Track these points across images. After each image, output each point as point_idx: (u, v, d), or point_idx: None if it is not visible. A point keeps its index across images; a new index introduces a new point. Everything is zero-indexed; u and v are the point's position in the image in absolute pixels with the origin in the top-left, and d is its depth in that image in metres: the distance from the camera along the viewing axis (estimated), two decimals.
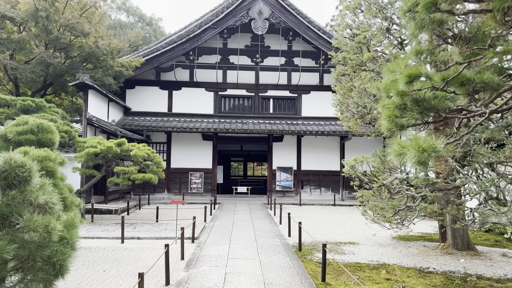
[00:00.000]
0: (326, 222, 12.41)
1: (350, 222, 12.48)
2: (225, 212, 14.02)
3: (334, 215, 14.09)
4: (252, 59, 19.51)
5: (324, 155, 19.16)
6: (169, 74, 19.09)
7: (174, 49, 17.73)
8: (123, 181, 10.89)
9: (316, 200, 18.25)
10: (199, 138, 18.80)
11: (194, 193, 18.73)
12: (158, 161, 11.50)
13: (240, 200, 18.33)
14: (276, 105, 19.66)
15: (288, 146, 19.12)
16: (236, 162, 34.16)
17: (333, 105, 8.83)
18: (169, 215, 13.17)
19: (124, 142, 11.15)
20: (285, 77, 19.55)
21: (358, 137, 18.60)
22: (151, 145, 18.67)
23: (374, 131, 9.52)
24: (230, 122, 18.58)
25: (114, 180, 10.97)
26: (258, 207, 15.86)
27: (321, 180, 19.17)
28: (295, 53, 19.54)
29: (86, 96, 14.07)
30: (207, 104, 19.19)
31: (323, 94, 19.52)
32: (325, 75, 19.59)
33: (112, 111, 17.03)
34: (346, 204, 17.52)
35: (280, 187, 19.00)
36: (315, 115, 19.42)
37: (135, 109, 18.84)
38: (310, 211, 15.34)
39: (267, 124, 18.57)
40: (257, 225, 11.07)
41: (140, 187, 18.38)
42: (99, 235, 9.14)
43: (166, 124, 17.60)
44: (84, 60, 15.14)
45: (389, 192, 7.18)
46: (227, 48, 19.39)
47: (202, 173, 18.77)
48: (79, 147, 11.23)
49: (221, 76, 19.34)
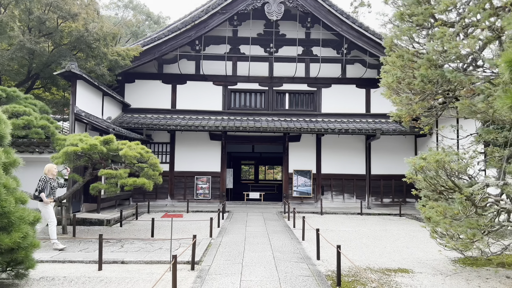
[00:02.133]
0: (358, 237, 10.17)
1: (388, 237, 10.23)
2: (235, 224, 11.88)
3: (365, 227, 11.85)
4: (265, 49, 17.40)
5: (347, 157, 16.92)
6: (172, 66, 17.08)
7: (178, 37, 15.71)
8: (109, 187, 8.82)
9: (339, 208, 16.00)
10: (206, 137, 16.73)
11: (201, 200, 16.63)
12: (154, 162, 9.42)
13: (252, 208, 16.17)
14: (293, 100, 17.49)
15: (306, 146, 16.93)
16: (247, 166, 32.06)
17: (382, 84, 6.60)
18: (168, 227, 11.08)
19: (111, 140, 9.09)
20: (303, 69, 17.39)
21: (387, 137, 16.38)
22: (152, 145, 16.66)
23: (428, 123, 7.26)
24: (241, 120, 16.47)
25: (97, 186, 8.90)
26: (273, 217, 13.68)
27: (344, 185, 16.91)
28: (314, 42, 17.37)
29: (74, 88, 12.09)
30: (215, 100, 17.12)
31: (346, 88, 17.32)
32: (348, 67, 17.37)
33: (107, 107, 15.05)
34: (374, 213, 15.24)
35: (298, 193, 16.80)
36: (336, 112, 17.20)
37: (134, 106, 16.85)
38: (335, 221, 13.11)
39: (283, 121, 16.42)
40: (275, 242, 8.90)
41: (141, 192, 16.37)
42: (73, 258, 7.06)
43: (168, 121, 15.57)
44: (73, 47, 13.19)
45: (474, 205, 4.96)
46: (237, 37, 17.31)
47: (210, 177, 16.68)
48: (58, 145, 9.22)
49: (231, 68, 17.26)
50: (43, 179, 8.12)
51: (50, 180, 8.19)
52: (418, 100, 5.71)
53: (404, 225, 12.47)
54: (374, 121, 16.85)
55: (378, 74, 17.34)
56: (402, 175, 16.78)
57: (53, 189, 8.22)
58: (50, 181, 8.16)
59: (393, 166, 16.86)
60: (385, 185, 16.92)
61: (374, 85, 17.27)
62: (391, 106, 16.78)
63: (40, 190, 8.04)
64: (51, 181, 8.19)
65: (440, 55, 4.59)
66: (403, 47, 5.54)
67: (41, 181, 8.10)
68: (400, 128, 15.83)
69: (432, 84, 5.03)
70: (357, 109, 17.25)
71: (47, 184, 8.10)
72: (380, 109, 17.19)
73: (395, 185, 16.89)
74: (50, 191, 8.15)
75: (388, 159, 16.87)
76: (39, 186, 8.11)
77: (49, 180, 8.17)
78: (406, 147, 16.99)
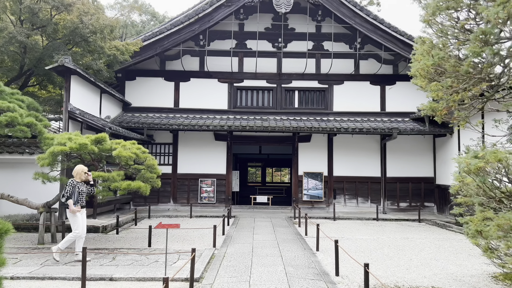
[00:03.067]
0: (378, 246, 9.13)
1: (411, 247, 9.17)
2: (241, 231, 10.89)
3: (384, 235, 10.79)
4: (273, 44, 16.43)
5: (361, 158, 15.86)
6: (175, 62, 16.19)
7: (181, 31, 14.81)
8: (102, 192, 7.88)
9: (353, 213, 14.94)
10: (211, 138, 15.79)
11: (205, 204, 15.67)
12: (151, 164, 8.47)
13: (259, 213, 15.17)
14: (302, 98, 16.49)
15: (317, 147, 15.91)
16: (254, 168, 31.10)
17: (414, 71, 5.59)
18: (170, 235, 10.13)
19: (104, 138, 8.17)
20: (313, 65, 16.39)
21: (403, 137, 15.32)
22: (154, 146, 15.76)
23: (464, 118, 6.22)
24: (248, 119, 15.50)
25: None
26: (282, 223, 12.67)
27: (358, 188, 15.85)
28: (325, 36, 16.37)
29: (68, 83, 11.23)
30: (220, 98, 16.18)
31: (359, 85, 16.29)
32: (361, 62, 16.34)
33: (106, 106, 14.18)
34: (390, 218, 14.16)
35: (308, 197, 15.77)
36: (349, 110, 16.16)
37: (135, 104, 15.97)
38: (350, 228, 12.07)
39: (292, 120, 15.43)
40: (287, 254, 7.90)
41: (142, 196, 15.32)
42: (54, 274, 6.13)
43: (171, 121, 14.65)
44: (68, 41, 12.34)
45: None
46: (243, 32, 16.38)
47: (215, 180, 15.72)
48: (46, 145, 8.33)
49: (237, 65, 16.31)
50: (70, 183, 7.22)
51: (78, 184, 7.30)
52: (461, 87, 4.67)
53: (426, 233, 11.39)
54: (390, 120, 15.78)
55: (393, 70, 16.31)
56: (420, 178, 15.77)
57: (81, 195, 7.29)
58: (78, 186, 7.26)
59: (410, 168, 15.78)
60: (402, 188, 15.83)
61: (389, 81, 16.24)
62: (408, 104, 15.70)
63: (68, 196, 7.15)
64: (79, 186, 7.28)
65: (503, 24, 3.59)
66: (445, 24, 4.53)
67: (69, 186, 7.19)
68: (418, 127, 14.75)
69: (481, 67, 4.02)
70: (372, 107, 16.20)
71: (75, 189, 7.19)
72: (396, 107, 16.14)
73: (412, 188, 15.80)
74: (78, 197, 7.23)
75: (405, 160, 15.78)
76: (66, 191, 7.18)
77: (76, 184, 7.27)
78: (424, 148, 15.90)
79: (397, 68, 16.28)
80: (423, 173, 15.83)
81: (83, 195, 7.33)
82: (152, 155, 15.59)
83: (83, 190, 7.30)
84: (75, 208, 7.09)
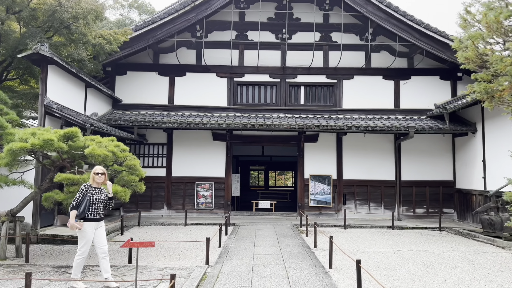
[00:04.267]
0: (401, 262, 7.71)
1: (441, 263, 7.74)
2: (241, 242, 9.50)
3: (405, 247, 9.37)
4: (277, 36, 15.09)
5: (373, 160, 14.46)
6: (170, 56, 14.87)
7: (175, 20, 13.50)
8: (67, 198, 6.51)
9: (365, 220, 13.52)
10: (209, 137, 14.44)
11: (202, 210, 14.29)
12: (132, 164, 7.12)
13: (261, 220, 13.77)
14: (309, 94, 15.12)
15: (325, 147, 14.52)
16: (256, 171, 29.72)
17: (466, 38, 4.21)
18: (158, 247, 8.76)
19: (75, 134, 6.83)
20: (320, 58, 15.02)
21: (420, 136, 13.96)
22: (147, 147, 14.41)
23: None
24: (249, 117, 14.14)
25: (52, 197, 6.59)
26: (287, 232, 11.26)
27: (370, 192, 14.43)
28: (333, 27, 15.01)
29: (45, 74, 9.91)
30: (219, 94, 14.83)
31: (371, 80, 14.91)
32: (373, 55, 14.96)
33: (93, 102, 12.86)
34: (407, 226, 12.74)
35: (315, 202, 14.36)
36: (360, 107, 14.77)
37: (127, 101, 14.65)
38: (363, 238, 10.66)
39: (297, 118, 14.06)
40: (295, 274, 6.49)
41: (133, 201, 14.06)
42: None
43: (164, 119, 13.30)
44: (48, 28, 11.04)
45: None
46: (244, 22, 15.05)
47: (213, 184, 14.35)
48: (7, 141, 6.99)
49: (237, 58, 14.97)
50: (82, 189, 5.68)
51: (93, 190, 5.69)
52: None
53: (451, 244, 9.96)
54: (405, 117, 14.38)
55: (408, 63, 14.83)
56: (438, 181, 14.22)
57: (95, 204, 5.62)
58: (92, 192, 5.66)
59: (427, 171, 14.36)
60: (418, 193, 14.40)
61: (404, 76, 14.87)
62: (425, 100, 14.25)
63: (73, 204, 5.59)
64: (93, 192, 5.67)
65: None
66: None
67: (80, 192, 5.66)
68: (437, 125, 13.33)
69: None
70: (384, 104, 14.79)
71: (86, 196, 5.60)
72: (411, 104, 14.75)
73: (430, 192, 14.37)
74: (90, 207, 5.57)
75: (421, 162, 14.36)
76: (74, 198, 5.67)
77: (90, 190, 5.67)
78: (442, 149, 14.47)
79: (412, 61, 14.89)
80: (442, 176, 14.39)
81: (98, 205, 5.65)
82: (145, 156, 14.36)
83: (97, 198, 5.66)
84: (74, 223, 5.45)
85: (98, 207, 5.67)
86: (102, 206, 5.76)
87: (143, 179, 7.49)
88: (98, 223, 5.72)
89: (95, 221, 5.64)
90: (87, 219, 5.54)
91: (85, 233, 5.54)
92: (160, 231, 11.33)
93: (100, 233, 5.73)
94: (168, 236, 10.50)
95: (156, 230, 11.62)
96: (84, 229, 5.53)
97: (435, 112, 13.95)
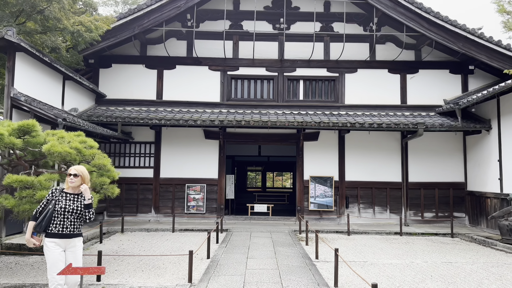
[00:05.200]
0: (418, 278, 6.60)
1: (463, 278, 6.65)
2: (232, 252, 8.38)
3: (418, 258, 8.27)
4: (274, 26, 13.99)
5: (378, 160, 13.37)
6: (158, 47, 13.75)
7: (164, 8, 12.40)
8: (18, 204, 5.37)
9: (370, 226, 12.44)
10: (200, 136, 13.33)
11: (193, 214, 13.18)
12: (101, 164, 6.01)
13: (257, 225, 12.66)
14: (308, 88, 14.02)
15: (326, 146, 13.43)
16: (253, 172, 28.65)
17: None
18: (135, 259, 7.64)
19: (31, 128, 5.72)
20: (321, 50, 13.93)
21: (428, 135, 12.94)
22: (133, 146, 13.30)
23: None
24: (244, 113, 13.05)
25: (0, 203, 5.48)
26: (285, 239, 10.15)
27: (375, 195, 13.34)
28: (335, 16, 13.93)
29: (12, 63, 8.79)
30: (212, 88, 13.73)
31: (375, 73, 13.84)
32: (378, 47, 13.88)
33: (72, 96, 11.75)
34: (415, 232, 11.66)
35: (315, 206, 13.26)
36: (363, 103, 13.69)
37: (111, 96, 13.53)
38: (370, 246, 9.56)
39: (296, 115, 12.96)
40: None
41: (117, 205, 13.02)
42: None
43: (151, 115, 12.19)
44: (19, 13, 9.93)
45: None
46: (239, 11, 13.95)
47: (205, 186, 13.24)
48: None
49: (231, 50, 13.87)
50: (48, 195, 4.38)
51: (65, 196, 4.31)
52: None
53: (468, 254, 8.88)
54: (412, 114, 13.31)
55: (415, 56, 13.60)
56: (448, 183, 12.99)
57: (59, 215, 4.21)
58: (61, 199, 4.28)
59: (436, 172, 13.29)
60: (427, 195, 13.32)
61: (411, 69, 13.81)
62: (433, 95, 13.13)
63: (34, 214, 4.33)
64: (63, 199, 4.28)
65: None
66: None
67: (45, 198, 4.39)
68: (448, 122, 12.27)
69: None
70: (390, 100, 13.72)
71: (49, 204, 4.27)
72: (418, 99, 13.69)
73: (439, 195, 13.29)
74: (55, 217, 4.21)
75: (430, 162, 13.29)
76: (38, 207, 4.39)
77: (58, 196, 4.31)
78: (453, 148, 13.41)
79: (419, 54, 13.82)
80: (452, 178, 13.32)
81: (66, 216, 4.23)
82: (131, 156, 13.23)
83: (65, 207, 4.23)
84: (29, 238, 4.22)
85: (67, 219, 4.22)
86: (76, 218, 4.28)
87: (114, 181, 6.37)
88: (68, 241, 4.25)
89: (62, 237, 4.20)
90: (49, 233, 4.18)
91: (47, 253, 4.20)
92: (144, 239, 10.21)
93: (72, 256, 4.28)
94: (152, 244, 9.39)
95: (140, 237, 10.50)
96: (46, 247, 4.19)
97: (445, 108, 12.90)
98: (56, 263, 4.16)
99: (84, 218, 4.33)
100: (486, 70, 13.45)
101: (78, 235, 4.34)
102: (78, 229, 4.33)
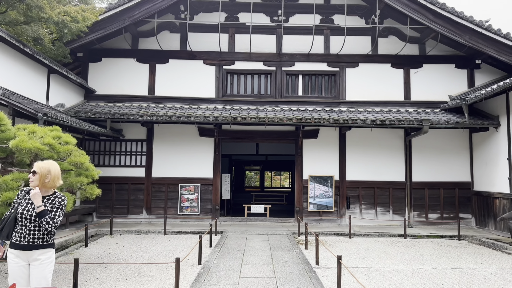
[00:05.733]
0: (429, 287, 6.02)
1: (477, 285, 6.07)
2: (226, 258, 7.77)
3: (425, 264, 7.68)
4: (272, 18, 13.38)
5: (380, 159, 12.79)
6: (150, 40, 13.13)
7: None
8: None
9: (372, 227, 11.86)
10: (195, 133, 12.72)
11: (187, 215, 12.57)
12: (77, 162, 5.39)
13: (254, 227, 12.05)
14: (308, 84, 13.42)
15: (326, 144, 12.84)
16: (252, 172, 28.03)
17: None
18: (120, 266, 7.03)
19: None
20: (321, 43, 13.33)
21: (433, 132, 12.33)
22: (124, 144, 12.68)
23: None
24: (240, 109, 12.45)
25: None
26: (284, 242, 9.55)
27: (377, 195, 12.75)
28: (336, 8, 13.34)
29: None
30: (207, 84, 13.12)
31: (378, 68, 13.25)
32: (381, 40, 13.28)
33: (59, 91, 11.13)
34: (420, 234, 11.08)
35: (315, 206, 12.67)
36: (365, 99, 13.10)
37: (101, 92, 12.91)
38: (373, 250, 8.97)
39: (295, 111, 12.37)
40: None
41: (107, 206, 12.42)
42: None
43: (142, 111, 11.58)
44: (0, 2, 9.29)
45: None
46: (235, 2, 13.33)
47: (199, 185, 12.64)
48: None
49: (227, 43, 13.26)
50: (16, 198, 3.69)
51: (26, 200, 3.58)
52: None
53: (479, 258, 8.30)
54: (416, 110, 12.72)
55: (420, 50, 12.83)
56: (453, 183, 12.28)
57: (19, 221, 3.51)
58: (24, 202, 3.58)
59: (441, 171, 12.72)
60: (431, 195, 12.74)
61: (414, 64, 13.23)
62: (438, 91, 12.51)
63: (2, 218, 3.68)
64: (25, 202, 3.57)
65: None
66: None
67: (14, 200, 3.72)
68: (454, 118, 11.68)
69: None
70: (393, 95, 13.13)
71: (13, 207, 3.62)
72: (423, 95, 13.10)
73: (444, 195, 12.72)
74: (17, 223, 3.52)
75: (435, 161, 12.71)
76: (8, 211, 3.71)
77: (23, 198, 3.61)
78: (458, 146, 12.83)
79: (424, 48, 13.23)
80: (457, 177, 12.74)
81: (24, 224, 3.49)
82: (121, 154, 12.61)
83: (23, 212, 3.49)
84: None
85: (25, 227, 3.47)
86: (37, 226, 3.48)
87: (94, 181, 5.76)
88: (28, 254, 3.46)
89: (20, 248, 3.44)
90: (11, 243, 3.49)
91: (8, 266, 3.51)
92: (133, 242, 9.61)
93: (36, 271, 3.47)
94: (141, 249, 8.78)
95: (129, 240, 9.90)
96: (8, 259, 3.48)
97: (450, 104, 12.31)
98: (15, 279, 3.44)
99: (41, 227, 3.47)
100: (493, 65, 12.87)
101: (40, 247, 3.49)
102: (41, 240, 3.49)
